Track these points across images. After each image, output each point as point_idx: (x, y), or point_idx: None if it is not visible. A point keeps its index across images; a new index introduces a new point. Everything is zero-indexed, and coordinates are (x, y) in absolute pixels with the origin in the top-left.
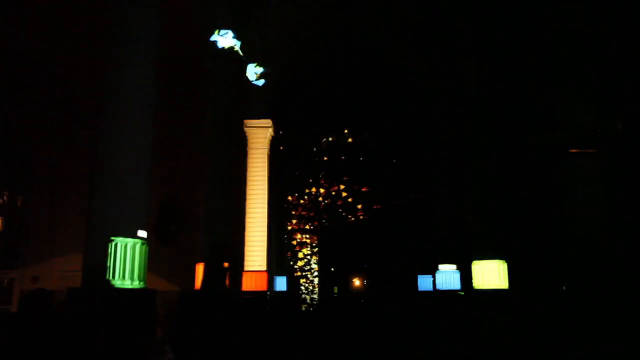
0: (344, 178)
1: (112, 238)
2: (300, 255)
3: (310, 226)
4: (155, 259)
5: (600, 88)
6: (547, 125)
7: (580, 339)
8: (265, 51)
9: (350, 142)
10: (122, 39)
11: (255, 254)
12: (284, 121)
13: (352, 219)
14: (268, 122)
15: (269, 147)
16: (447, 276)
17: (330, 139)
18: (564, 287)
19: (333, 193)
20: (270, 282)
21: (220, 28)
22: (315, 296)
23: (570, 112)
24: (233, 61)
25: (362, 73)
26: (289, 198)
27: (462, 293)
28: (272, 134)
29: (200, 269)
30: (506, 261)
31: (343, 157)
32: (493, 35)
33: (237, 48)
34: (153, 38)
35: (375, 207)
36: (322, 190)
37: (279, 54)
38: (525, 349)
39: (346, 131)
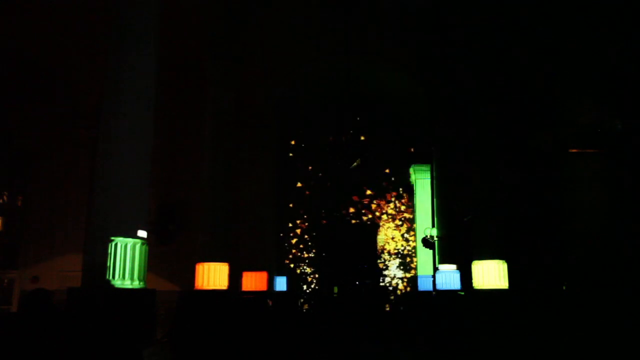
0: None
1: (112, 238)
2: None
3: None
4: (155, 259)
5: (600, 88)
6: (547, 125)
7: (580, 339)
8: (268, 51)
9: (350, 143)
10: (123, 38)
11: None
12: (287, 123)
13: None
14: None
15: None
16: (447, 276)
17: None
18: (564, 287)
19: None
20: (270, 282)
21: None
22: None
23: (570, 112)
24: (234, 61)
25: (361, 74)
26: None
27: (462, 293)
28: None
29: (199, 268)
30: (506, 261)
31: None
32: (494, 35)
33: None
34: (153, 38)
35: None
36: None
37: (282, 56)
38: (525, 349)
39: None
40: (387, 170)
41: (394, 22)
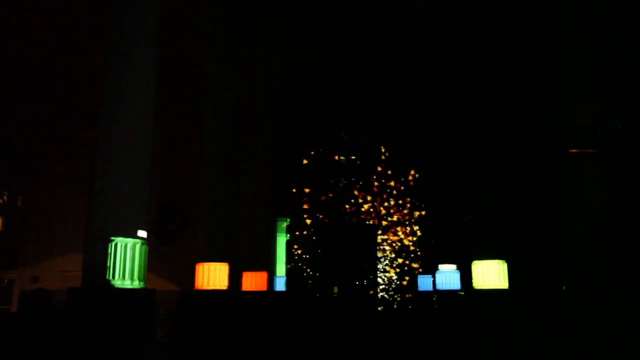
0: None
1: (112, 238)
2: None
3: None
4: (155, 259)
5: (600, 88)
6: (547, 125)
7: (580, 339)
8: (268, 51)
9: (349, 144)
10: (123, 38)
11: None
12: (287, 123)
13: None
14: None
15: None
16: (447, 276)
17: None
18: (564, 287)
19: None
20: (270, 282)
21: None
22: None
23: (570, 112)
24: (234, 61)
25: (361, 75)
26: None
27: (462, 293)
28: None
29: (199, 268)
30: (506, 261)
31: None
32: (493, 35)
33: None
34: (153, 38)
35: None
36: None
37: (282, 56)
38: (525, 349)
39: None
40: (389, 171)
41: (394, 22)
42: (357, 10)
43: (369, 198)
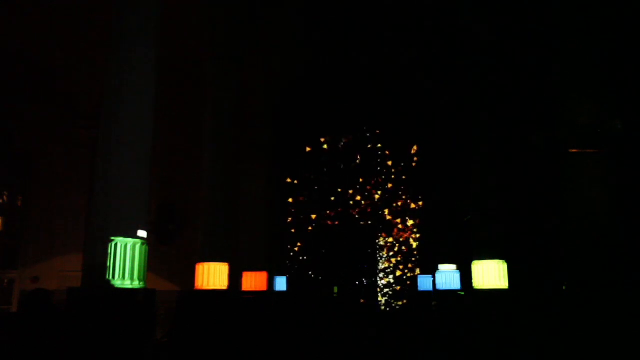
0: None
1: (112, 238)
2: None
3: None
4: (155, 259)
5: (600, 88)
6: (547, 125)
7: (580, 339)
8: (268, 51)
9: (349, 143)
10: (123, 38)
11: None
12: (288, 123)
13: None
14: None
15: None
16: (447, 276)
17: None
18: (564, 287)
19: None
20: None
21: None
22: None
23: (570, 112)
24: (234, 61)
25: (361, 74)
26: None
27: (462, 293)
28: None
29: (199, 268)
30: (506, 261)
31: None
32: (493, 35)
33: None
34: (153, 38)
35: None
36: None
37: (282, 56)
38: (525, 349)
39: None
40: (391, 168)
41: (395, 22)
42: (357, 10)
43: (361, 180)
